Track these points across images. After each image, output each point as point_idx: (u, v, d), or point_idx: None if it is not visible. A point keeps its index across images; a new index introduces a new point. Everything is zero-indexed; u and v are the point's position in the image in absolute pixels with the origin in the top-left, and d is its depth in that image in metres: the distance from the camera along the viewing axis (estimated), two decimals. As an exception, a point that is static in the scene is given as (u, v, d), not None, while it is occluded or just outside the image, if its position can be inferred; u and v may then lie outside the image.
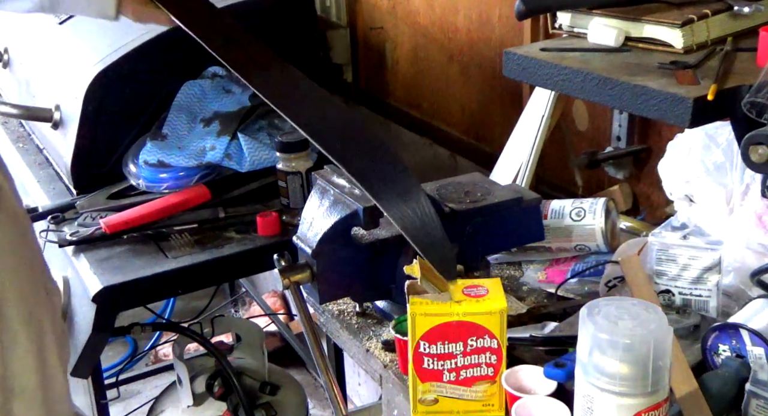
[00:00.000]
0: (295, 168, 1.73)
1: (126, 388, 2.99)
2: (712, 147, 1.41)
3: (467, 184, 1.45)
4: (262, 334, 2.02)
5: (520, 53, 1.24)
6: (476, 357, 1.12)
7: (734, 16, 1.21)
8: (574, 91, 1.18)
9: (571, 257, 1.53)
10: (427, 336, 1.09)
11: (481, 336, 1.11)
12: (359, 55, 2.67)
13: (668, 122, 1.08)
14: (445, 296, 1.09)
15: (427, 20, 2.33)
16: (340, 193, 1.29)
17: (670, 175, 1.46)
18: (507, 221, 1.41)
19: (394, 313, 1.35)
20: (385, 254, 1.31)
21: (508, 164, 1.83)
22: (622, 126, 1.75)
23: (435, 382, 1.12)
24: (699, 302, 1.27)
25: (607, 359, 0.92)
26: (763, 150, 0.95)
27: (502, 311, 1.09)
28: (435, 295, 1.09)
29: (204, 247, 1.72)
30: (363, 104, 2.62)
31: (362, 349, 1.33)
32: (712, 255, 1.25)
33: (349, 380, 2.71)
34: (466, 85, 2.23)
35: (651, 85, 1.07)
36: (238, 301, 3.45)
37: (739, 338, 1.12)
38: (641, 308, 0.95)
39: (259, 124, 1.93)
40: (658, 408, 0.94)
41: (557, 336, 1.26)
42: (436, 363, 1.11)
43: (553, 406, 1.08)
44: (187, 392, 1.87)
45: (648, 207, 1.75)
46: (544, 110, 1.76)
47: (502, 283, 1.14)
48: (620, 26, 1.21)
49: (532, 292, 1.46)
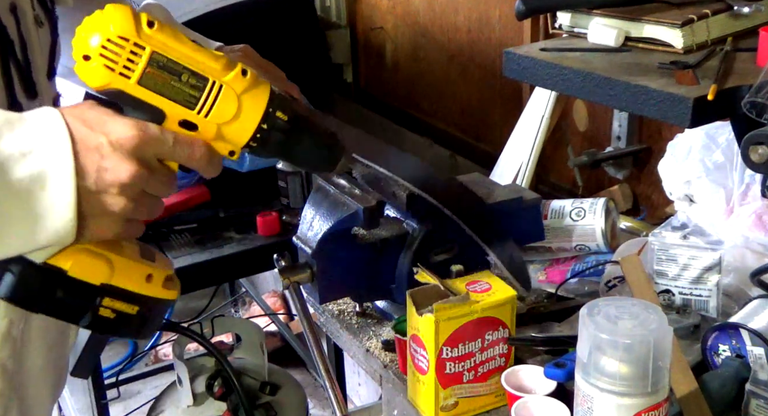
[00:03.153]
0: (295, 168, 1.73)
1: (126, 388, 2.99)
2: (712, 147, 1.41)
3: (467, 184, 1.45)
4: (262, 334, 2.02)
5: (520, 53, 1.24)
6: (491, 350, 1.13)
7: (734, 16, 1.21)
8: (574, 91, 1.18)
9: (571, 257, 1.53)
10: (449, 340, 1.09)
11: (496, 328, 1.12)
12: (359, 55, 2.67)
13: (668, 122, 1.08)
14: (464, 297, 1.09)
15: (427, 20, 2.33)
16: (340, 193, 1.28)
17: (670, 175, 1.46)
18: (507, 221, 1.41)
19: (394, 313, 1.35)
20: (385, 254, 1.31)
21: (508, 164, 1.83)
22: (622, 126, 1.75)
23: (456, 386, 1.12)
24: (699, 302, 1.27)
25: (607, 359, 0.92)
26: (763, 150, 0.95)
27: (513, 298, 1.12)
28: (456, 298, 1.09)
29: (204, 247, 1.72)
30: (363, 104, 2.62)
31: (362, 349, 1.33)
32: (712, 255, 1.25)
33: (349, 380, 2.71)
34: (466, 85, 2.23)
35: (651, 85, 1.07)
36: (238, 301, 3.45)
37: (739, 338, 1.12)
38: (641, 308, 0.95)
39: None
40: (658, 408, 0.94)
41: (557, 336, 1.26)
42: (457, 365, 1.11)
43: (553, 406, 1.08)
44: (187, 392, 1.87)
45: (648, 207, 1.75)
46: (544, 110, 1.76)
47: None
48: (620, 26, 1.21)
49: (532, 292, 1.46)
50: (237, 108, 0.76)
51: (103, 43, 0.72)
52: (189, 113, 0.75)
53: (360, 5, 2.62)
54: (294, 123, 0.79)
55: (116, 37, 0.72)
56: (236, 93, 0.76)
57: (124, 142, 0.73)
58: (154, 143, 0.74)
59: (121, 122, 0.73)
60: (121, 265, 0.79)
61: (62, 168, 0.71)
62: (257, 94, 0.77)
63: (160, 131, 0.75)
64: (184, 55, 0.74)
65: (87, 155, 0.72)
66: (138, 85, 0.73)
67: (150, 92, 0.74)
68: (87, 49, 0.73)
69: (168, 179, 0.78)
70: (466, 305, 1.09)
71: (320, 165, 0.85)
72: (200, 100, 0.75)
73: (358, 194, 1.27)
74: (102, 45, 0.72)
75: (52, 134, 0.71)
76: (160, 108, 0.75)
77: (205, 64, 0.75)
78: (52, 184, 0.71)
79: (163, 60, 0.73)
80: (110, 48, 0.72)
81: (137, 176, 0.73)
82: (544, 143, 1.78)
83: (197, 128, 0.76)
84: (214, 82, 0.75)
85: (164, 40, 0.73)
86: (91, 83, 0.74)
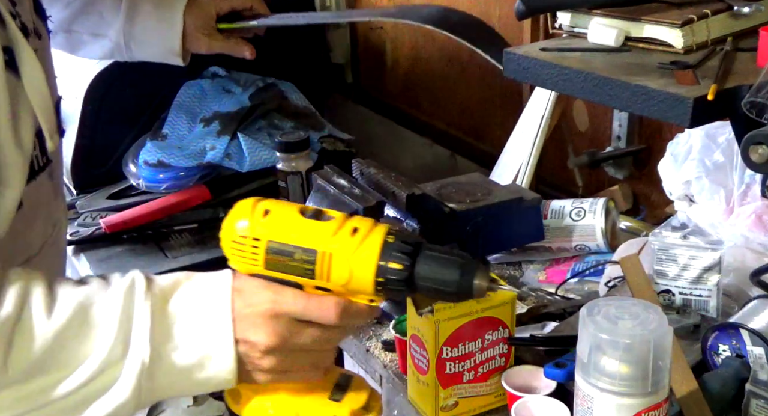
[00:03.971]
0: (295, 168, 1.73)
1: (126, 388, 2.99)
2: (712, 147, 1.41)
3: (467, 184, 1.46)
4: (262, 334, 2.02)
5: (520, 53, 1.24)
6: (491, 350, 1.13)
7: (734, 16, 1.21)
8: (574, 91, 1.18)
9: (571, 257, 1.53)
10: (449, 340, 1.09)
11: (496, 328, 1.12)
12: (359, 55, 2.66)
13: (668, 122, 1.08)
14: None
15: (427, 20, 2.32)
16: (340, 193, 1.29)
17: (670, 175, 1.46)
18: (507, 221, 1.41)
19: (394, 313, 1.35)
20: (385, 254, 1.31)
21: (508, 164, 1.83)
22: (622, 126, 1.75)
23: (456, 386, 1.12)
24: (699, 302, 1.27)
25: (607, 359, 0.92)
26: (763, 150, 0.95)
27: (513, 299, 1.12)
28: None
29: (204, 247, 1.72)
30: (363, 104, 2.62)
31: (362, 349, 1.33)
32: (712, 255, 1.25)
33: (349, 380, 2.70)
34: (466, 85, 2.23)
35: (651, 85, 1.07)
36: (238, 301, 3.45)
37: (739, 338, 1.12)
38: (641, 309, 0.95)
39: (259, 124, 1.93)
40: (658, 408, 0.94)
41: (557, 336, 1.26)
42: (457, 365, 1.11)
43: (553, 406, 1.08)
44: (187, 392, 1.87)
45: (648, 207, 1.75)
46: (544, 110, 1.76)
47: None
48: (620, 26, 1.21)
49: (532, 292, 1.46)
50: (348, 272, 0.80)
51: (231, 244, 0.83)
52: (313, 282, 0.82)
53: (360, 5, 2.62)
54: (409, 269, 0.81)
55: (239, 237, 0.82)
56: (346, 257, 0.80)
57: (263, 312, 0.82)
58: (286, 312, 0.82)
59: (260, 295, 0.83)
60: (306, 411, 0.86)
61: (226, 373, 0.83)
62: (365, 249, 0.80)
63: (293, 300, 0.82)
64: (294, 234, 0.81)
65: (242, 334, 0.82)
66: (266, 269, 0.82)
67: (278, 273, 0.82)
68: (224, 248, 0.84)
69: (310, 333, 0.83)
70: (466, 305, 1.09)
71: (453, 295, 0.83)
72: (315, 272, 0.81)
73: (358, 194, 1.27)
74: (231, 245, 0.83)
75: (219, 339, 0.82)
76: (293, 281, 0.82)
77: (314, 235, 0.81)
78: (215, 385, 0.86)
79: (276, 246, 0.81)
80: (236, 247, 0.82)
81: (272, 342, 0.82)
82: (544, 143, 1.78)
83: (330, 289, 0.82)
84: (324, 252, 0.80)
85: (277, 226, 0.82)
86: (239, 270, 0.84)
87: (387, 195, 1.31)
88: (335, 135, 2.02)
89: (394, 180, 1.33)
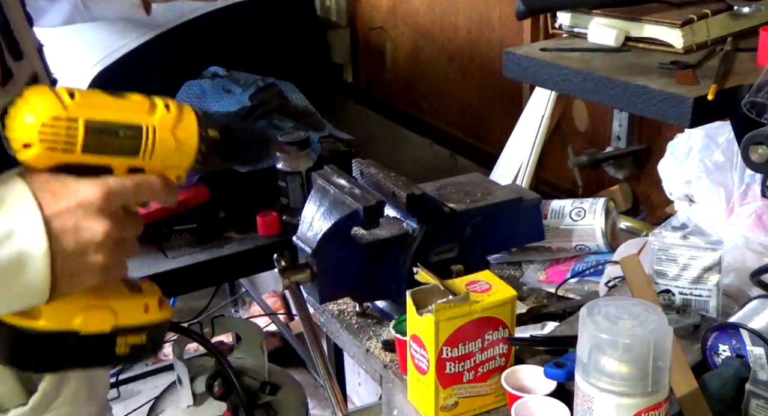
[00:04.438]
0: (295, 168, 1.73)
1: (126, 388, 2.99)
2: (712, 147, 1.41)
3: (467, 184, 1.45)
4: (262, 334, 2.02)
5: (520, 53, 1.24)
6: (491, 350, 1.13)
7: (734, 16, 1.21)
8: (574, 91, 1.18)
9: (571, 257, 1.53)
10: (449, 340, 1.09)
11: (496, 328, 1.11)
12: (359, 55, 2.67)
13: (668, 122, 1.08)
14: (464, 297, 1.09)
15: (427, 20, 2.33)
16: (340, 193, 1.28)
17: (670, 175, 1.46)
18: (507, 221, 1.41)
19: (394, 313, 1.35)
20: (385, 254, 1.31)
21: (508, 164, 1.83)
22: (622, 126, 1.75)
23: (456, 385, 1.12)
24: (699, 302, 1.27)
25: (607, 359, 0.92)
26: (763, 150, 0.95)
27: (513, 298, 1.12)
28: (456, 297, 1.09)
29: (204, 247, 1.72)
30: (363, 104, 2.62)
31: (362, 349, 1.33)
32: (712, 255, 1.25)
33: (349, 380, 2.70)
34: (466, 85, 2.23)
35: (651, 85, 1.07)
36: (238, 301, 3.45)
37: (739, 338, 1.12)
38: (641, 309, 0.95)
39: (259, 124, 1.93)
40: (658, 408, 0.94)
41: (557, 336, 1.26)
42: (457, 365, 1.11)
43: (553, 406, 1.08)
44: (187, 392, 1.87)
45: (648, 207, 1.75)
46: (544, 110, 1.76)
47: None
48: (620, 26, 1.21)
49: (532, 292, 1.46)
50: (174, 142, 0.80)
51: (38, 128, 0.74)
52: (134, 160, 0.79)
53: (360, 5, 2.62)
54: (225, 134, 0.84)
55: (49, 119, 0.74)
56: (170, 129, 0.80)
57: (92, 201, 0.77)
58: (118, 194, 0.78)
59: (83, 184, 0.77)
60: (121, 306, 0.84)
61: (37, 249, 0.74)
62: (186, 122, 0.81)
63: (120, 182, 0.78)
64: (112, 112, 0.78)
65: (61, 223, 0.75)
66: (82, 153, 0.77)
67: (95, 155, 0.77)
68: (25, 138, 0.75)
69: (135, 221, 0.82)
70: (466, 305, 1.09)
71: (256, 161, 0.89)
72: (141, 147, 0.79)
73: (358, 194, 1.27)
74: (39, 130, 0.74)
75: (25, 215, 0.74)
76: (106, 165, 0.78)
77: (132, 112, 0.79)
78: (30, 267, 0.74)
79: (98, 125, 0.76)
80: (47, 131, 0.74)
81: (111, 231, 0.78)
82: (544, 143, 1.78)
83: (144, 169, 0.81)
84: (147, 126, 0.79)
85: (90, 105, 0.77)
86: (38, 166, 0.76)
87: (387, 195, 1.31)
88: (335, 135, 2.02)
89: (394, 180, 1.33)
